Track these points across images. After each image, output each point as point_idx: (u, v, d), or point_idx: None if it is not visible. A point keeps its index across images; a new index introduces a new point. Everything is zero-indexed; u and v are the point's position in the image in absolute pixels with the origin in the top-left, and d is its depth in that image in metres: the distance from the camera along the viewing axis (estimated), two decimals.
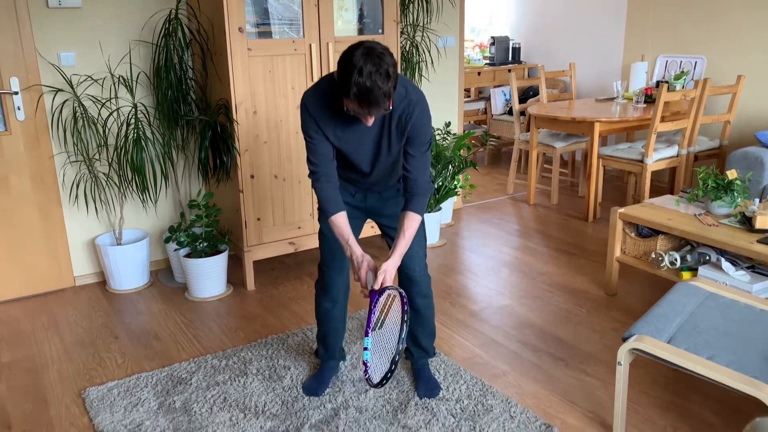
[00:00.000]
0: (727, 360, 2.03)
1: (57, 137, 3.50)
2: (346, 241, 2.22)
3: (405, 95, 2.12)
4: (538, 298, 3.46)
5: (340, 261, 2.46)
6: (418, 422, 2.39)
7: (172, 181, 3.86)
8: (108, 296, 3.58)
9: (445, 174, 4.15)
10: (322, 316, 2.59)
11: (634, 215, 3.21)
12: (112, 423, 2.42)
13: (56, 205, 3.57)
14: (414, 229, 2.22)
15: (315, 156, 2.19)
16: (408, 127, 2.14)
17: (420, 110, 2.14)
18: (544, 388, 2.63)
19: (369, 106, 1.93)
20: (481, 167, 6.51)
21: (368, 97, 1.90)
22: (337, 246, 2.41)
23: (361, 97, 1.90)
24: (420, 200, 2.23)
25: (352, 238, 2.23)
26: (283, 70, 3.39)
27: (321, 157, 2.19)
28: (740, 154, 4.05)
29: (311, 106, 2.13)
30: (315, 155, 2.19)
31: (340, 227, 2.23)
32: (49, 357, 2.94)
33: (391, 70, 1.91)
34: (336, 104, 2.10)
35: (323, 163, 2.20)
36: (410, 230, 2.21)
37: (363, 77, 1.87)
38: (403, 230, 2.21)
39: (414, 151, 2.18)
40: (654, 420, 2.41)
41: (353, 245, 2.21)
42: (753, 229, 2.91)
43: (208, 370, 2.77)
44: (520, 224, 4.69)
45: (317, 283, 2.56)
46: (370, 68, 1.87)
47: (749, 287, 2.76)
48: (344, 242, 2.23)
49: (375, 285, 2.11)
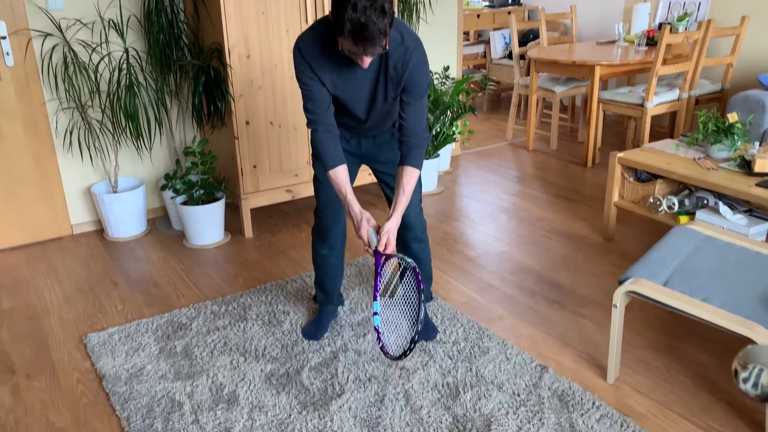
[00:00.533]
0: (722, 302, 2.04)
1: (48, 83, 3.44)
2: (345, 197, 2.19)
3: (401, 42, 2.06)
4: (536, 243, 3.47)
5: (336, 208, 2.45)
6: (415, 364, 2.42)
7: (166, 128, 3.81)
8: (106, 244, 3.59)
9: (443, 120, 4.11)
10: (320, 263, 2.59)
11: (634, 159, 3.19)
12: (113, 367, 2.46)
13: (50, 152, 3.53)
14: (413, 184, 2.19)
15: (312, 103, 2.14)
16: (405, 75, 2.09)
17: (417, 58, 2.08)
18: (539, 331, 2.66)
19: (364, 44, 1.87)
20: (480, 113, 6.44)
21: (363, 33, 1.84)
22: (333, 193, 2.39)
23: (356, 34, 1.84)
24: (417, 152, 2.18)
25: (351, 195, 2.19)
26: (276, 13, 3.31)
27: (318, 104, 2.14)
28: (741, 98, 4.00)
29: (306, 51, 2.07)
30: (312, 102, 2.14)
31: (339, 183, 2.19)
32: (49, 304, 2.96)
33: (386, 6, 1.85)
34: (331, 49, 2.05)
35: (320, 110, 2.15)
36: (409, 186, 2.18)
37: (357, 12, 1.81)
38: (402, 186, 2.18)
39: (410, 99, 2.13)
40: (648, 361, 2.45)
41: (352, 202, 2.18)
42: (752, 172, 2.89)
43: (207, 316, 2.80)
44: (518, 170, 4.67)
45: (314, 230, 2.55)
46: (365, 3, 1.81)
47: (746, 230, 2.77)
48: (343, 198, 2.20)
49: (380, 247, 2.11)
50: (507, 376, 2.34)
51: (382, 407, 2.20)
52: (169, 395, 2.29)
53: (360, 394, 2.27)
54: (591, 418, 2.12)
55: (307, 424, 2.13)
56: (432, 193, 4.25)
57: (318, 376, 2.37)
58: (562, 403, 2.19)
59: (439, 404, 2.21)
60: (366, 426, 2.11)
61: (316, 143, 2.18)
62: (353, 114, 2.24)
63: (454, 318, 2.72)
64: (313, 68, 2.08)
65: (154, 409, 2.22)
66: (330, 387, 2.31)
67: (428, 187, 4.26)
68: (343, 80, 2.12)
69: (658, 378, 2.35)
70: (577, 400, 2.20)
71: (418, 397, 2.25)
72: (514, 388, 2.28)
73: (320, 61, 2.07)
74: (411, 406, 2.20)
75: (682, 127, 4.59)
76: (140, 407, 2.23)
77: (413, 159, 2.18)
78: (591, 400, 2.20)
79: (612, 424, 2.09)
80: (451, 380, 2.33)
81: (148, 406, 2.24)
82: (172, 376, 2.40)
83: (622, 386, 2.31)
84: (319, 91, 2.12)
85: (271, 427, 2.12)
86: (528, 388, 2.27)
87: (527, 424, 2.10)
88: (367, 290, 2.97)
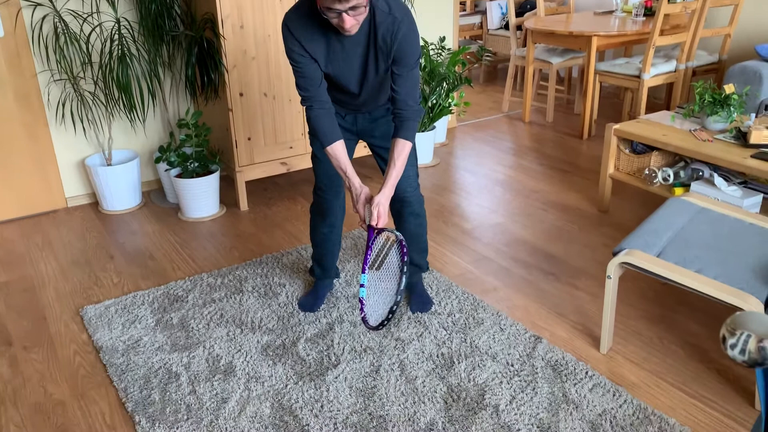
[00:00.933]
0: (715, 272, 2.06)
1: (39, 54, 3.40)
2: (345, 172, 2.18)
3: (388, 12, 2.02)
4: (531, 215, 3.48)
5: (336, 185, 2.44)
6: (410, 335, 2.44)
7: (159, 99, 3.78)
8: (101, 217, 3.58)
9: (439, 91, 4.08)
10: (320, 241, 2.59)
11: (629, 131, 3.18)
12: (110, 339, 2.47)
13: (43, 125, 3.51)
14: (405, 156, 2.17)
15: (304, 80, 2.11)
16: (394, 46, 2.05)
17: (405, 28, 2.04)
18: (533, 302, 2.68)
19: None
20: (477, 85, 6.40)
21: None
22: (332, 170, 2.39)
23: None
24: (410, 125, 2.16)
25: (350, 169, 2.18)
26: None
27: (310, 80, 2.11)
28: (738, 69, 3.97)
29: (294, 28, 2.04)
30: (304, 79, 2.11)
31: (338, 158, 2.17)
32: (45, 276, 2.96)
33: None
34: (319, 24, 2.02)
35: (314, 87, 2.12)
36: (401, 158, 2.16)
37: None
38: (394, 159, 2.16)
39: (401, 71, 2.10)
40: (641, 331, 2.47)
41: (352, 177, 2.17)
42: (747, 144, 2.89)
43: (203, 288, 2.81)
44: (514, 142, 4.66)
45: (313, 207, 2.55)
46: None
47: (740, 202, 2.77)
48: (342, 174, 2.19)
49: (372, 221, 2.11)
50: (501, 346, 2.37)
51: (377, 377, 2.22)
52: (166, 366, 2.31)
53: (355, 364, 2.29)
54: (584, 387, 2.15)
55: (303, 394, 2.15)
56: (427, 165, 4.24)
57: (314, 347, 2.39)
58: (556, 373, 2.22)
59: (433, 374, 2.23)
60: (361, 395, 2.14)
61: (312, 121, 2.16)
62: (346, 89, 2.21)
63: (449, 290, 2.73)
64: (303, 45, 2.05)
65: (151, 380, 2.24)
66: (326, 358, 2.33)
67: (424, 159, 4.25)
68: (333, 55, 2.10)
69: (650, 348, 2.38)
70: (571, 370, 2.23)
71: (413, 367, 2.27)
72: (508, 358, 2.30)
73: (309, 37, 2.04)
74: (406, 376, 2.22)
75: (678, 99, 4.57)
76: (137, 378, 2.25)
77: (405, 131, 2.16)
78: (584, 369, 2.23)
79: (604, 393, 2.12)
80: (445, 351, 2.35)
81: (145, 377, 2.26)
82: (168, 347, 2.41)
83: (615, 356, 2.33)
84: (311, 68, 2.09)
85: (268, 397, 2.14)
86: (522, 359, 2.30)
87: (521, 393, 2.13)
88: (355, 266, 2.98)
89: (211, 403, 2.13)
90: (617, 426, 1.98)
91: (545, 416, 2.03)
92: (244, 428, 2.02)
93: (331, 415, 2.06)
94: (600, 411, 2.04)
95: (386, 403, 2.10)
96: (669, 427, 1.97)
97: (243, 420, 2.05)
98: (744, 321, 0.82)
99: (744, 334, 0.81)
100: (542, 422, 2.01)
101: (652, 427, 1.97)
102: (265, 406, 2.10)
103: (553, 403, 2.09)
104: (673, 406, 2.09)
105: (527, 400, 2.09)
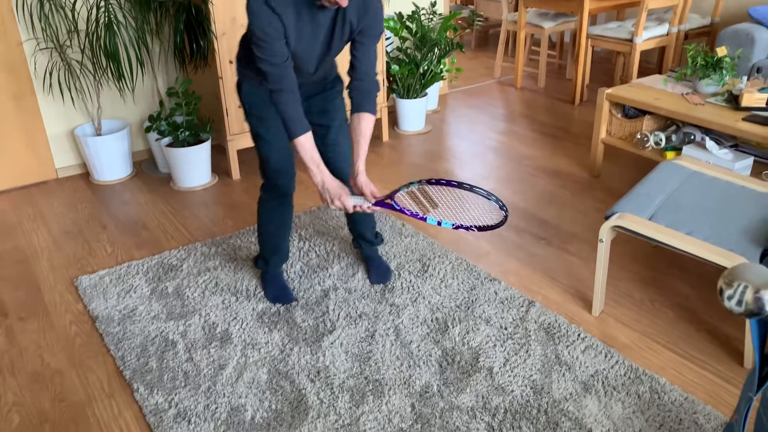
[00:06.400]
0: (706, 234, 2.08)
1: (24, 22, 3.33)
2: (317, 165, 2.06)
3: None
4: (523, 181, 3.49)
5: (290, 167, 2.32)
6: (405, 300, 2.46)
7: (148, 68, 3.73)
8: (92, 187, 3.56)
9: (430, 57, 4.04)
10: (276, 227, 2.44)
11: (621, 95, 3.18)
12: (106, 309, 2.48)
13: (30, 94, 3.46)
14: (371, 129, 2.13)
15: (275, 58, 1.95)
16: (364, 20, 2.03)
17: (375, 4, 2.03)
18: (526, 266, 2.70)
19: None
20: (468, 50, 6.34)
21: None
22: (284, 151, 2.26)
23: None
24: (372, 97, 2.13)
25: (322, 163, 2.08)
26: None
27: (281, 59, 1.96)
28: (731, 32, 3.96)
29: (275, 3, 1.91)
30: (275, 57, 1.95)
31: (310, 150, 2.06)
32: (38, 247, 2.96)
33: None
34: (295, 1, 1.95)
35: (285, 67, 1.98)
36: (368, 132, 2.12)
37: None
38: (362, 133, 2.11)
39: (365, 40, 2.07)
40: (632, 294, 2.51)
41: (324, 170, 2.07)
42: (739, 107, 2.89)
43: (198, 257, 2.81)
44: (506, 109, 4.64)
45: (267, 195, 2.38)
46: None
47: (731, 165, 2.79)
48: (315, 167, 2.06)
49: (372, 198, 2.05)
50: (494, 310, 2.39)
51: (372, 342, 2.25)
52: (163, 335, 2.32)
53: (351, 330, 2.31)
54: (576, 349, 2.18)
55: (299, 360, 2.17)
56: (419, 132, 4.23)
57: (309, 314, 2.41)
58: (548, 336, 2.25)
59: (428, 338, 2.26)
60: (357, 360, 2.17)
61: (282, 107, 2.02)
62: (302, 69, 2.12)
63: (443, 255, 2.75)
64: (282, 19, 1.93)
65: (148, 348, 2.26)
66: (321, 324, 2.35)
67: (416, 126, 4.23)
68: (302, 30, 2.00)
69: (641, 310, 2.41)
70: (563, 333, 2.26)
71: (408, 332, 2.29)
72: (501, 321, 2.33)
73: (284, 9, 1.93)
74: (401, 341, 2.25)
75: (670, 63, 4.55)
76: (134, 347, 2.27)
77: (370, 104, 2.13)
78: (576, 332, 2.26)
79: (596, 354, 2.15)
80: (440, 315, 2.38)
81: (142, 345, 2.27)
82: (164, 316, 2.43)
83: (606, 318, 2.37)
84: (279, 44, 1.96)
85: (265, 363, 2.17)
86: (515, 322, 2.33)
87: (514, 356, 2.16)
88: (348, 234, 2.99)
89: (208, 369, 2.15)
90: (609, 386, 2.02)
91: (538, 377, 2.07)
92: (242, 394, 2.04)
93: (328, 379, 2.09)
94: (592, 372, 2.08)
95: (382, 368, 2.13)
96: (659, 386, 2.01)
97: (240, 386, 2.07)
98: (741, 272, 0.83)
99: (741, 285, 0.82)
100: (535, 383, 2.04)
101: (643, 387, 2.01)
102: (262, 372, 2.13)
103: (546, 364, 2.12)
104: (663, 366, 2.13)
105: (520, 362, 2.13)
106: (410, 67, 4.01)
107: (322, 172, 2.07)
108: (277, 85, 1.99)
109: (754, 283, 0.82)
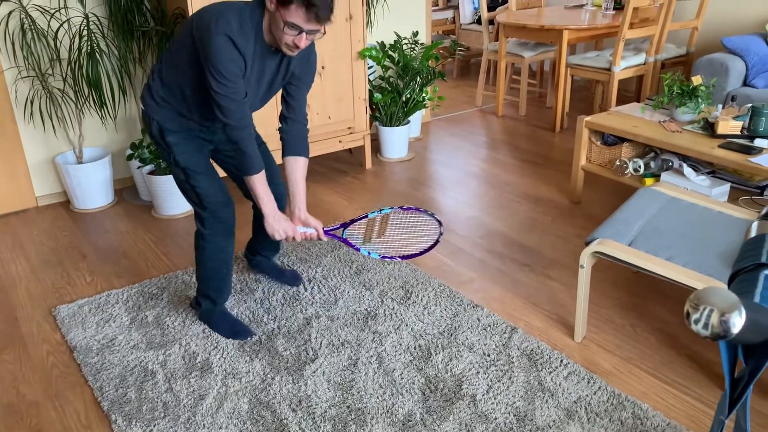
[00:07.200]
0: (685, 260, 2.10)
1: (6, 51, 3.33)
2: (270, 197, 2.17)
3: None
4: (505, 208, 3.51)
5: (229, 198, 2.31)
6: (387, 328, 2.45)
7: (130, 95, 3.73)
8: (72, 216, 3.53)
9: (413, 86, 4.09)
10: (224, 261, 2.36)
11: (601, 123, 3.23)
12: (84, 338, 2.44)
13: (11, 122, 3.44)
14: (305, 171, 2.27)
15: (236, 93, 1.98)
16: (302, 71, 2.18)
17: (314, 54, 2.21)
18: (509, 293, 2.71)
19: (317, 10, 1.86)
20: (450, 79, 6.42)
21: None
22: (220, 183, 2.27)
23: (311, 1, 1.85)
24: (306, 140, 2.26)
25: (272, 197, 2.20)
26: None
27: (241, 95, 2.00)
28: (706, 61, 4.05)
29: (238, 42, 1.93)
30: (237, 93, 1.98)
31: (265, 186, 2.16)
32: (16, 276, 2.91)
33: None
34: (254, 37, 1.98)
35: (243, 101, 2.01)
36: (304, 174, 2.27)
37: None
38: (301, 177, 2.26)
39: (302, 85, 2.21)
40: (614, 319, 2.52)
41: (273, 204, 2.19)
42: (715, 134, 2.95)
43: (179, 286, 2.78)
44: (488, 136, 4.69)
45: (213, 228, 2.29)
46: None
47: (709, 191, 2.83)
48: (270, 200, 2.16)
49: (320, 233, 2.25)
50: (477, 337, 2.39)
51: (355, 370, 2.23)
52: (142, 365, 2.29)
53: (333, 358, 2.30)
54: (559, 375, 2.18)
55: (281, 389, 2.15)
56: (402, 160, 4.25)
57: (291, 343, 2.39)
58: (531, 362, 2.25)
59: (411, 366, 2.25)
60: (340, 389, 2.15)
61: (244, 142, 2.05)
62: None
63: (426, 282, 2.75)
64: (246, 61, 1.97)
65: (127, 378, 2.22)
66: (303, 352, 2.33)
67: (399, 153, 4.26)
68: (251, 72, 2.05)
69: (623, 335, 2.42)
70: (546, 359, 2.26)
71: (391, 359, 2.28)
72: (484, 348, 2.33)
73: (248, 52, 1.96)
74: (384, 369, 2.23)
75: (648, 91, 4.64)
76: (113, 377, 2.23)
77: (305, 148, 2.26)
78: (559, 358, 2.26)
79: (579, 380, 2.15)
80: (423, 343, 2.37)
81: (120, 375, 2.24)
82: (144, 345, 2.39)
83: (589, 344, 2.37)
84: (241, 84, 1.99)
85: (246, 392, 2.14)
86: (498, 348, 2.32)
87: (497, 382, 2.15)
88: (338, 257, 2.98)
89: (188, 400, 2.12)
90: (592, 412, 2.02)
91: (521, 404, 2.06)
92: (222, 424, 2.01)
93: (310, 409, 2.06)
94: (575, 398, 2.08)
95: (364, 396, 2.11)
96: (642, 412, 2.01)
97: (221, 416, 2.04)
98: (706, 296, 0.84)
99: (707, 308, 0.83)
100: (518, 410, 2.03)
101: (626, 413, 2.01)
102: (243, 402, 2.10)
103: (529, 391, 2.11)
104: (645, 391, 2.13)
105: (504, 389, 2.12)
106: (393, 95, 4.05)
107: (273, 202, 2.19)
108: (240, 122, 2.03)
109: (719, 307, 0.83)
